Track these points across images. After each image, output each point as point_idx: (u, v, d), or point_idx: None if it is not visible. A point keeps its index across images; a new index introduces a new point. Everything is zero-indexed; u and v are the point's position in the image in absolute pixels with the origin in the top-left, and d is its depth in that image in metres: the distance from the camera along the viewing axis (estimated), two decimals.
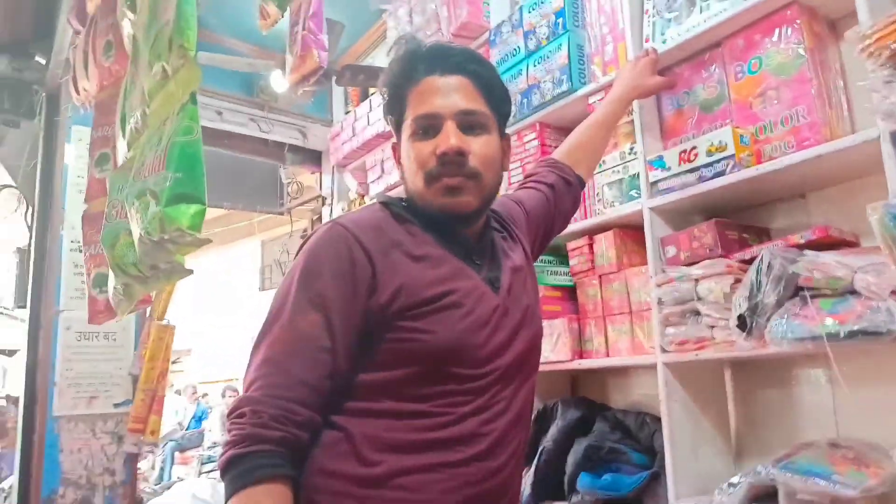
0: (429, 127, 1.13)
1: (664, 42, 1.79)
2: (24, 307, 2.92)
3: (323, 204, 3.88)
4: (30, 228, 3.08)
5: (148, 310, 3.06)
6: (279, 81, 3.44)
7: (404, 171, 1.19)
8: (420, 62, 1.17)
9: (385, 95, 1.23)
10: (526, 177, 1.53)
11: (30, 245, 3.02)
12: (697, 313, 1.63)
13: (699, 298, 1.62)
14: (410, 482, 1.04)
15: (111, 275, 1.54)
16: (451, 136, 1.11)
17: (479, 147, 1.13)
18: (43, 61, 3.20)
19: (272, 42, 3.21)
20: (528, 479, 1.94)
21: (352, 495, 1.03)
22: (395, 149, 1.23)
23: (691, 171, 1.67)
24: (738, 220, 1.74)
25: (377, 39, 3.41)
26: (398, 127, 1.20)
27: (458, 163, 1.11)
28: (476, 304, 1.11)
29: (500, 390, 1.12)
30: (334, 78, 3.09)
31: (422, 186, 1.13)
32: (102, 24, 1.96)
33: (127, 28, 1.64)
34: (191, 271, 1.43)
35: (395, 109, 1.20)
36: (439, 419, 1.07)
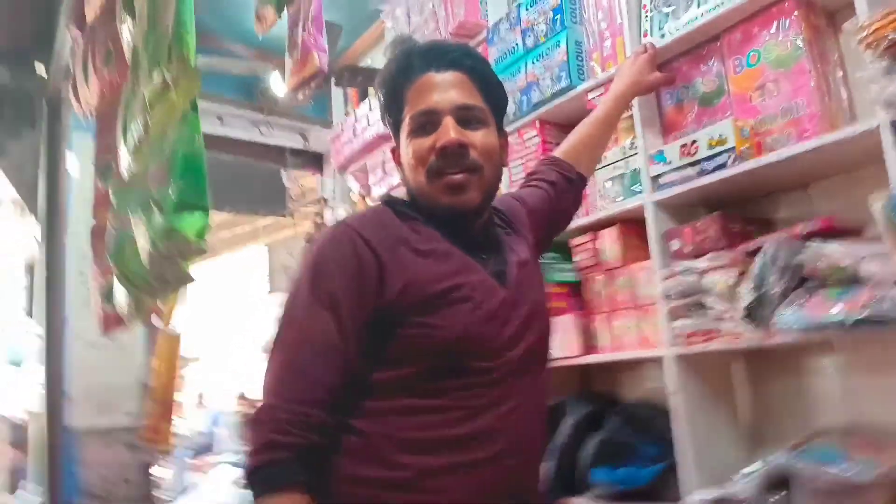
0: (427, 123, 1.14)
1: (662, 37, 1.79)
2: (31, 316, 2.93)
3: (325, 206, 3.89)
4: (37, 240, 3.09)
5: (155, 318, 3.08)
6: (279, 85, 3.44)
7: (405, 170, 1.19)
8: (415, 60, 1.18)
9: (382, 96, 1.23)
10: (527, 175, 1.54)
11: (38, 257, 3.03)
12: (703, 306, 1.64)
13: (705, 291, 1.62)
14: (436, 484, 1.05)
15: (119, 286, 1.55)
16: (450, 130, 1.11)
17: (479, 140, 1.14)
18: (43, 69, 3.20)
19: (272, 45, 3.21)
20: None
21: (381, 500, 1.04)
22: (395, 152, 1.24)
23: (692, 164, 1.68)
24: (741, 212, 1.74)
25: (375, 39, 3.41)
26: (396, 127, 1.20)
27: (460, 155, 1.12)
28: (485, 298, 1.12)
29: (514, 383, 1.12)
30: (333, 80, 3.09)
31: (424, 183, 1.14)
32: (101, 32, 1.97)
33: (126, 36, 1.64)
34: (194, 279, 1.44)
35: (392, 109, 1.21)
36: (456, 414, 1.08)
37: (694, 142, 1.67)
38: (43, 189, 3.04)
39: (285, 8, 1.91)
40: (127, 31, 1.58)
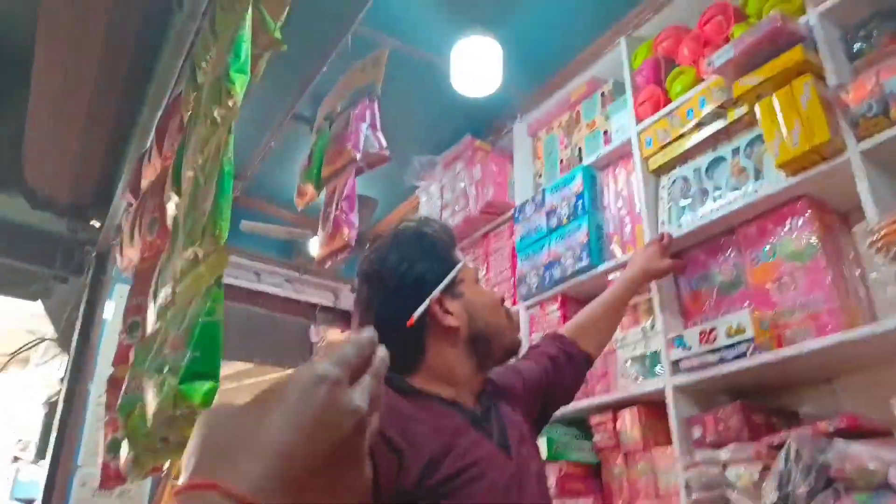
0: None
1: (679, 227, 1.85)
2: (43, 457, 2.91)
3: None
4: (62, 380, 3.14)
5: (165, 467, 3.02)
6: (316, 248, 3.60)
7: (479, 311, 1.23)
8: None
9: (432, 253, 1.24)
10: (530, 348, 1.53)
11: (59, 397, 3.06)
12: (728, 501, 1.55)
13: (728, 485, 1.54)
14: None
15: (125, 443, 1.55)
16: None
17: None
18: (97, 224, 3.41)
19: (313, 210, 3.39)
20: None
21: None
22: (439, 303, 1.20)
23: (712, 351, 1.66)
24: (766, 402, 1.70)
25: (409, 211, 3.58)
26: (444, 281, 1.20)
27: None
28: (496, 473, 1.09)
29: None
30: (367, 245, 3.21)
31: (505, 322, 1.26)
32: (151, 202, 2.12)
33: (171, 209, 1.77)
34: None
35: (443, 265, 1.23)
36: None
37: (713, 329, 1.66)
38: (77, 333, 3.13)
39: (323, 187, 2.05)
40: (172, 205, 1.71)
